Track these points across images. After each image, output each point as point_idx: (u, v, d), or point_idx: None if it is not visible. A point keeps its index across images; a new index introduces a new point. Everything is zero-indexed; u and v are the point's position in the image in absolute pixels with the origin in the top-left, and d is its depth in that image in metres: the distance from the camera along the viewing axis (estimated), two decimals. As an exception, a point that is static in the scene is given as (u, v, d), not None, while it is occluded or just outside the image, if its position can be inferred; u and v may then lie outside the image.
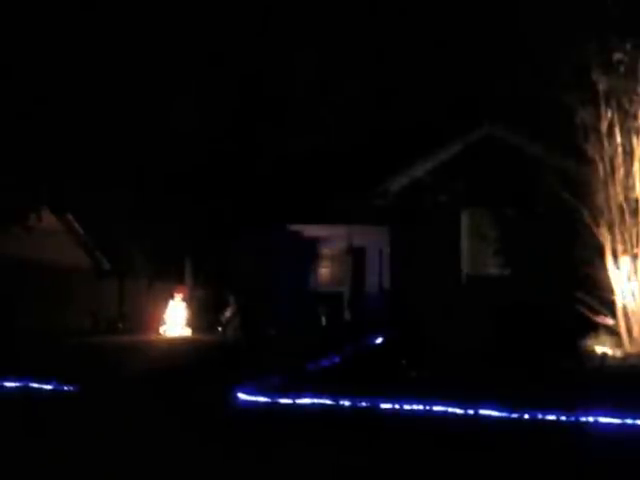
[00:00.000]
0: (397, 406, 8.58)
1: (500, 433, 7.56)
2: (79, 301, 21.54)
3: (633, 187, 13.44)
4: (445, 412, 8.30)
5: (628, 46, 13.23)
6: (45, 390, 10.05)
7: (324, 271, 21.36)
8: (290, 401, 8.99)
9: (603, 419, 7.66)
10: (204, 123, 22.19)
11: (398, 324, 16.40)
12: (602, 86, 13.45)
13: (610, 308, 13.35)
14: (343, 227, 19.57)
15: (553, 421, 7.82)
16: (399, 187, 17.90)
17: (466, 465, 6.33)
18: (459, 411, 8.24)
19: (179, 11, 21.79)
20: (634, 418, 7.61)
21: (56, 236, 23.89)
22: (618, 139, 13.52)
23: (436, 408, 8.40)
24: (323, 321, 19.07)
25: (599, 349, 12.75)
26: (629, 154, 13.49)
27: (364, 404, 8.70)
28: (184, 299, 20.70)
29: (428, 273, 16.67)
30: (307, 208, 20.06)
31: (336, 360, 12.37)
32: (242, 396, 9.28)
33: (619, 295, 13.20)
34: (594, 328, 13.34)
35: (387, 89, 23.25)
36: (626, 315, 13.07)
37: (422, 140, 18.52)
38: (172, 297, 20.30)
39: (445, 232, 17.22)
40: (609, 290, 13.34)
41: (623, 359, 12.32)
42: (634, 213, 13.35)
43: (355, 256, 20.10)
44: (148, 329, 19.96)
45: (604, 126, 13.48)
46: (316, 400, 8.90)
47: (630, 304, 13.08)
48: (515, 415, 8.02)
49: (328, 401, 8.83)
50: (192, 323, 20.54)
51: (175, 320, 19.90)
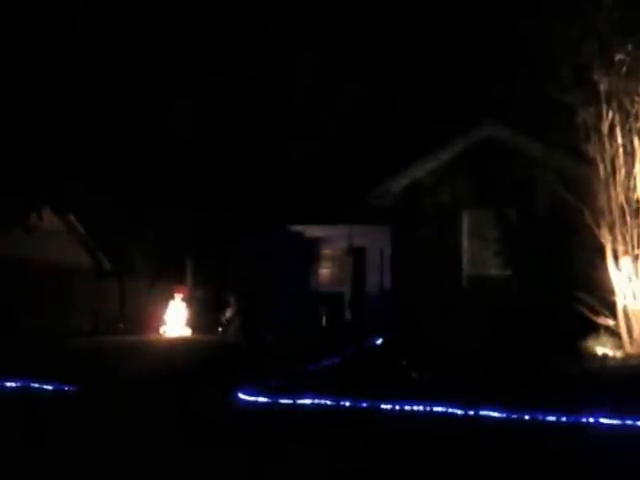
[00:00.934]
0: (397, 407, 8.58)
1: (500, 434, 7.55)
2: (80, 301, 21.55)
3: (634, 188, 13.43)
4: (445, 413, 8.30)
5: (629, 46, 13.22)
6: (46, 390, 10.05)
7: (325, 271, 21.34)
8: (291, 402, 8.99)
9: (604, 420, 7.65)
10: (205, 125, 22.22)
11: (398, 325, 16.39)
12: (603, 86, 13.45)
13: (611, 309, 13.35)
14: (344, 228, 19.55)
15: (553, 422, 7.81)
16: (400, 188, 17.88)
17: (466, 466, 6.33)
18: (459, 412, 8.23)
19: (179, 16, 21.84)
20: (634, 420, 7.60)
21: (58, 236, 23.90)
22: (619, 140, 13.51)
23: (436, 409, 8.40)
24: (324, 321, 19.06)
25: (600, 350, 12.74)
26: (630, 155, 13.49)
27: (364, 405, 8.70)
28: (184, 299, 20.70)
29: (429, 274, 16.66)
30: (308, 209, 20.05)
31: (337, 361, 12.37)
32: (243, 396, 9.28)
33: (620, 296, 13.18)
34: (595, 329, 13.33)
35: (387, 91, 23.27)
36: (627, 316, 13.06)
37: (423, 141, 18.51)
38: (173, 297, 20.30)
39: (446, 233, 17.20)
40: (610, 291, 13.33)
41: (623, 360, 12.31)
42: (635, 214, 13.34)
43: (356, 256, 20.09)
44: (148, 329, 19.97)
45: (605, 127, 13.47)
46: (317, 401, 8.90)
47: (631, 305, 13.07)
48: (515, 416, 8.01)
49: (329, 402, 8.83)
50: (192, 323, 20.53)
51: (175, 320, 19.90)
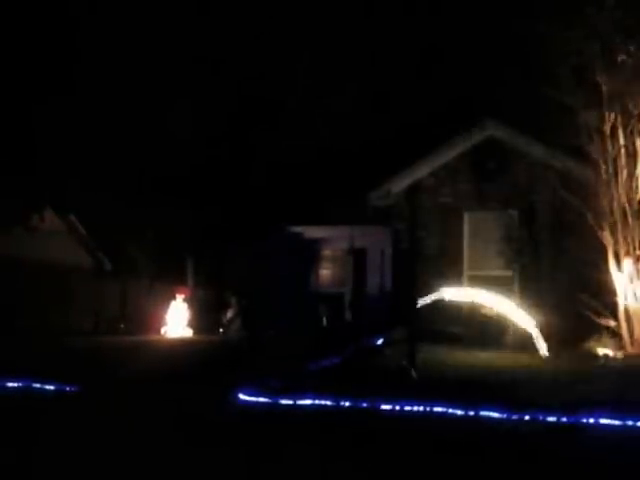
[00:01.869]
0: (397, 407, 8.57)
1: (500, 434, 7.54)
2: (81, 301, 21.54)
3: (636, 189, 13.43)
4: (445, 413, 8.29)
5: (632, 47, 13.22)
6: (46, 390, 10.05)
7: (325, 272, 21.33)
8: (291, 402, 8.98)
9: (604, 421, 7.65)
10: (203, 125, 22.24)
11: (399, 325, 16.38)
12: (605, 88, 13.45)
13: (612, 310, 13.34)
14: (344, 228, 19.54)
15: (554, 423, 7.80)
16: (401, 188, 17.88)
17: (466, 466, 6.32)
18: (459, 412, 8.23)
19: (176, 17, 21.89)
20: (635, 420, 7.59)
21: (58, 236, 23.93)
22: (621, 141, 13.50)
23: (436, 409, 8.39)
24: (324, 322, 19.05)
25: (601, 351, 12.73)
26: (632, 156, 13.48)
27: (364, 405, 8.69)
28: (185, 300, 20.68)
29: (430, 274, 16.64)
30: (308, 209, 20.05)
31: (337, 361, 12.36)
32: (243, 397, 9.27)
33: (621, 297, 13.18)
34: (597, 330, 13.32)
35: (387, 90, 23.28)
36: (628, 317, 13.06)
37: (424, 141, 18.51)
38: (173, 298, 20.27)
39: (447, 233, 17.20)
40: (611, 292, 13.32)
41: (624, 360, 12.31)
42: (637, 215, 13.33)
43: (356, 257, 20.07)
44: (149, 330, 19.94)
45: (607, 128, 13.47)
46: (317, 401, 8.89)
47: (632, 306, 13.06)
48: (515, 417, 8.00)
49: (329, 402, 8.83)
50: (193, 324, 20.51)
51: (176, 321, 19.88)
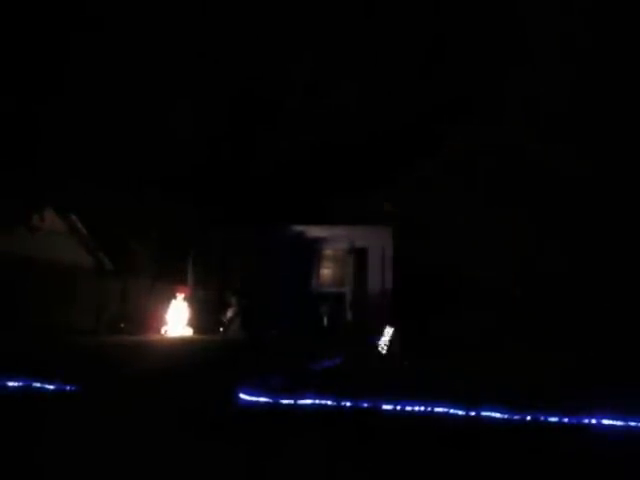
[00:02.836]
0: (398, 407, 8.57)
1: (501, 434, 7.54)
2: (82, 301, 21.54)
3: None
4: (447, 413, 8.28)
5: None
6: (47, 389, 10.03)
7: (326, 271, 21.33)
8: (292, 401, 8.97)
9: (606, 421, 7.64)
10: (205, 124, 22.22)
11: (400, 324, 16.40)
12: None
13: None
14: (345, 228, 19.55)
15: (556, 423, 7.80)
16: (402, 188, 17.88)
17: (467, 466, 6.31)
18: (461, 412, 8.22)
19: (177, 16, 21.86)
20: (637, 421, 7.59)
21: (60, 236, 23.90)
22: None
23: (438, 409, 8.39)
24: (325, 321, 19.05)
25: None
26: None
27: (365, 405, 8.68)
28: (186, 299, 20.69)
29: (430, 274, 16.65)
30: (309, 209, 20.05)
31: (338, 360, 12.36)
32: (244, 396, 9.26)
33: None
34: None
35: (390, 90, 23.24)
36: None
37: (425, 141, 18.50)
38: (174, 297, 20.28)
39: (448, 233, 17.20)
40: None
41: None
42: None
43: (357, 257, 20.07)
44: (150, 329, 19.97)
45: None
46: (317, 400, 8.88)
47: None
48: (517, 417, 8.00)
49: (329, 401, 8.82)
50: (194, 323, 20.52)
51: (177, 320, 19.89)
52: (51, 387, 10.06)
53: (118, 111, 20.88)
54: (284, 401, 9.03)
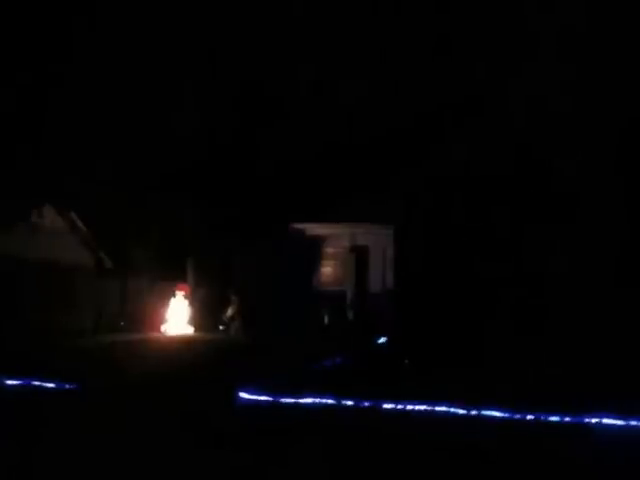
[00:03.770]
0: (400, 406, 8.54)
1: (503, 434, 7.51)
2: (81, 299, 21.51)
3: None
4: (447, 412, 8.26)
5: None
6: (47, 388, 10.01)
7: (327, 270, 21.30)
8: (292, 401, 8.95)
9: (607, 420, 7.62)
10: (207, 123, 22.20)
11: (401, 324, 16.38)
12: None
13: None
14: (346, 226, 19.52)
15: (557, 422, 7.78)
16: (404, 187, 17.84)
17: (468, 466, 6.29)
18: (461, 412, 8.20)
19: (180, 14, 21.84)
20: (637, 420, 7.56)
21: (59, 235, 23.87)
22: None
23: (439, 408, 8.36)
24: (326, 320, 19.03)
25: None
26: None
27: (366, 404, 8.66)
28: (186, 297, 20.67)
29: (432, 273, 16.60)
30: (310, 207, 20.02)
31: (339, 360, 12.33)
32: (244, 395, 9.24)
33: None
34: None
35: (393, 89, 23.21)
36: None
37: (428, 140, 18.46)
38: (174, 295, 20.26)
39: (450, 232, 17.15)
40: None
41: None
42: None
43: (358, 255, 20.04)
44: (150, 327, 19.95)
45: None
46: (318, 400, 8.86)
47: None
48: (518, 416, 7.98)
49: (331, 401, 8.80)
50: (194, 321, 20.50)
51: (177, 318, 19.87)
52: (51, 386, 10.05)
53: (120, 109, 20.86)
54: (285, 400, 9.01)
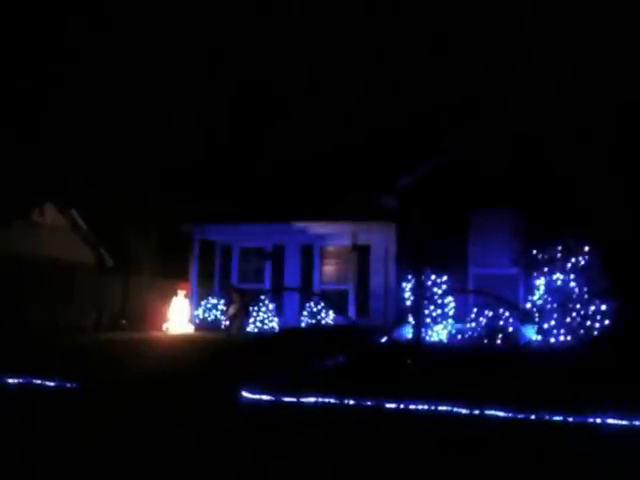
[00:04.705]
0: (402, 405, 8.52)
1: (505, 433, 7.49)
2: (82, 297, 21.51)
3: None
4: (450, 412, 8.23)
5: None
6: (48, 387, 10.00)
7: (328, 268, 21.26)
8: (294, 400, 8.93)
9: (611, 421, 7.59)
10: (208, 121, 22.21)
11: (403, 323, 16.36)
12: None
13: None
14: (348, 224, 19.46)
15: (560, 422, 7.75)
16: (405, 184, 17.81)
17: (470, 465, 6.26)
18: (464, 411, 8.17)
19: (179, 13, 21.86)
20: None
21: (60, 232, 23.91)
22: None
23: (441, 408, 8.34)
24: (327, 319, 18.99)
25: None
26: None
27: (369, 403, 8.63)
28: (187, 296, 20.64)
29: (434, 271, 16.58)
30: (312, 205, 19.97)
31: (340, 359, 12.31)
32: (246, 394, 9.22)
33: None
34: None
35: (393, 87, 23.21)
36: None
37: (429, 138, 18.44)
38: (175, 293, 20.23)
39: (452, 231, 17.12)
40: None
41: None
42: None
43: (360, 254, 19.99)
44: (151, 325, 19.93)
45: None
46: (320, 399, 8.84)
47: None
48: (521, 416, 7.95)
49: (332, 400, 8.77)
50: (195, 320, 20.47)
51: (178, 317, 19.84)
52: (52, 384, 10.03)
53: (120, 107, 20.86)
54: (287, 399, 8.98)
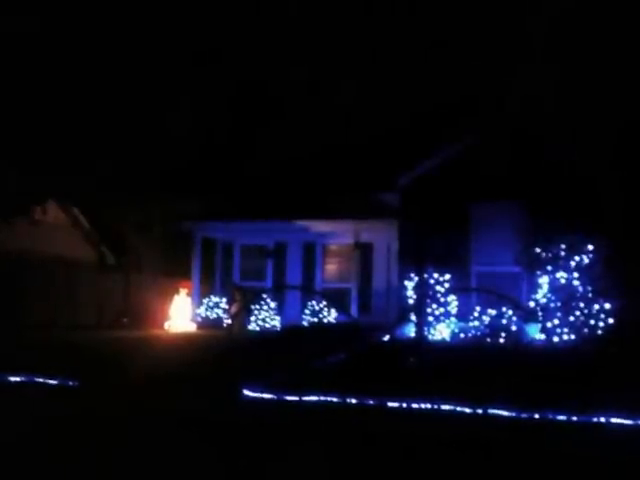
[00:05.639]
0: (404, 405, 8.47)
1: (509, 433, 7.44)
2: (84, 295, 21.51)
3: None
4: (453, 411, 8.18)
5: None
6: (49, 385, 9.97)
7: (330, 267, 21.22)
8: (296, 398, 8.89)
9: (615, 420, 7.54)
10: (207, 119, 22.24)
11: (406, 322, 16.32)
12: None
13: None
14: (350, 222, 19.42)
15: (564, 421, 7.70)
16: (407, 182, 17.78)
17: (472, 465, 6.22)
18: (467, 410, 8.12)
19: (177, 13, 21.88)
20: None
21: (62, 230, 23.90)
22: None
23: (444, 407, 8.29)
24: (329, 317, 18.96)
25: None
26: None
27: (371, 402, 8.59)
28: (189, 294, 20.62)
29: (436, 270, 16.55)
30: (313, 203, 19.94)
31: (343, 357, 12.26)
32: (247, 392, 9.18)
33: None
34: None
35: (394, 84, 23.21)
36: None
37: (430, 135, 18.41)
38: (177, 292, 20.21)
39: (454, 229, 17.08)
40: None
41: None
42: None
43: (362, 252, 19.95)
44: (153, 324, 19.91)
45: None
46: (322, 398, 8.80)
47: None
48: (525, 415, 7.90)
49: (334, 399, 8.73)
50: (197, 318, 20.45)
51: (180, 315, 19.82)
52: (53, 382, 10.01)
53: (119, 105, 20.88)
54: (288, 398, 8.94)
